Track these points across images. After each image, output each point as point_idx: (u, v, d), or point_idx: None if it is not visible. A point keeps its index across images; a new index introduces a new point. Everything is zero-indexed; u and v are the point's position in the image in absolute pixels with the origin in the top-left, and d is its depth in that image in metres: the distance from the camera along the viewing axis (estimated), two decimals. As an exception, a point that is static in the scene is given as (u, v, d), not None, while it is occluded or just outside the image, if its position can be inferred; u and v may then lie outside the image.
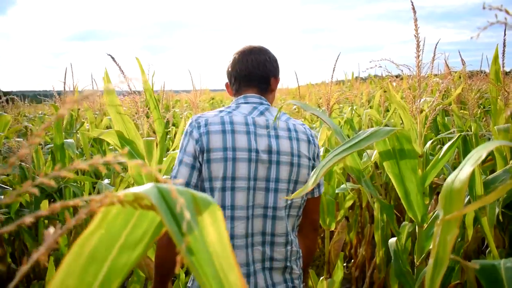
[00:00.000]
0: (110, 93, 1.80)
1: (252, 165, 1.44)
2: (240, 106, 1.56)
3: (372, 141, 0.98)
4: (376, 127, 1.00)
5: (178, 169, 1.44)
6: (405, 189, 1.25)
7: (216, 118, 1.49)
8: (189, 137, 1.45)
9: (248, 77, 1.62)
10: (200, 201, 0.48)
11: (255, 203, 1.46)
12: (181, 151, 1.45)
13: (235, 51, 1.69)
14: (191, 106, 3.93)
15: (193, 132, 1.46)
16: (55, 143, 2.52)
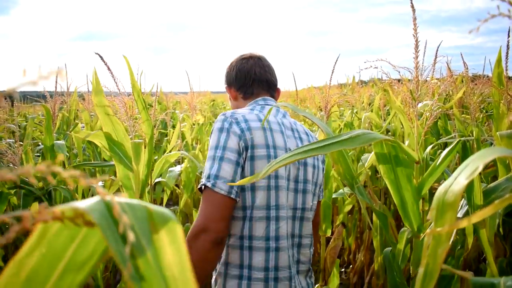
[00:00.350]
0: (98, 93, 1.74)
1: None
2: (264, 107, 1.55)
3: (349, 146, 0.90)
4: (361, 130, 0.92)
5: (219, 166, 1.34)
6: (401, 197, 1.19)
7: (252, 115, 1.45)
8: (229, 133, 1.38)
9: (266, 83, 1.65)
10: (157, 217, 0.41)
11: (287, 203, 1.44)
12: (218, 147, 1.37)
13: (243, 55, 1.69)
14: (189, 108, 3.87)
15: (233, 127, 1.40)
16: (45, 144, 2.46)
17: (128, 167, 1.79)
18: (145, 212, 0.41)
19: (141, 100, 1.68)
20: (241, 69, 1.65)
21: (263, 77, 1.65)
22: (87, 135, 1.76)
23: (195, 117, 3.76)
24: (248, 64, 1.66)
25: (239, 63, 1.67)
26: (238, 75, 1.65)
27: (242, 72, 1.65)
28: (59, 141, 2.56)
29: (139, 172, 1.63)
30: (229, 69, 1.69)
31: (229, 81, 1.68)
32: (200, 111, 4.34)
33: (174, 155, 2.50)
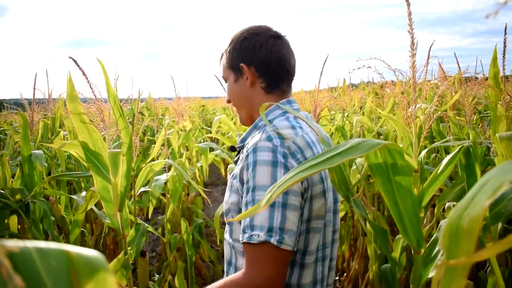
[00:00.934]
0: (73, 100, 1.63)
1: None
2: (295, 117, 1.28)
3: (350, 156, 0.80)
4: (360, 138, 0.82)
5: (284, 215, 1.07)
6: (398, 209, 1.08)
7: (301, 139, 1.19)
8: (288, 170, 1.09)
9: (293, 78, 1.38)
10: (80, 266, 0.31)
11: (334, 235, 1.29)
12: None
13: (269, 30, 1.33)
14: (176, 114, 3.76)
15: (290, 161, 1.12)
16: (23, 154, 2.34)
17: (106, 179, 1.67)
18: (63, 259, 0.30)
19: (118, 107, 1.57)
20: (274, 51, 1.30)
21: (295, 72, 1.37)
22: (62, 145, 1.64)
23: (182, 123, 3.65)
24: (282, 47, 1.32)
25: (271, 41, 1.30)
26: (268, 57, 1.29)
27: (275, 56, 1.30)
28: (37, 150, 2.43)
29: (117, 184, 1.51)
30: (250, 42, 1.30)
31: (250, 58, 1.30)
32: (189, 117, 4.22)
33: (159, 164, 2.39)
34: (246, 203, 1.12)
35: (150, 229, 2.34)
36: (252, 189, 1.11)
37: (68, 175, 2.54)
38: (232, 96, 1.38)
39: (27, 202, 2.23)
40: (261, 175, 1.10)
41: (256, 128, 1.32)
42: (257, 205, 0.75)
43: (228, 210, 1.27)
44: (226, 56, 1.36)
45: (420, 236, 1.13)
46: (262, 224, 1.06)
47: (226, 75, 1.38)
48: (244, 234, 1.09)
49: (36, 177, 2.38)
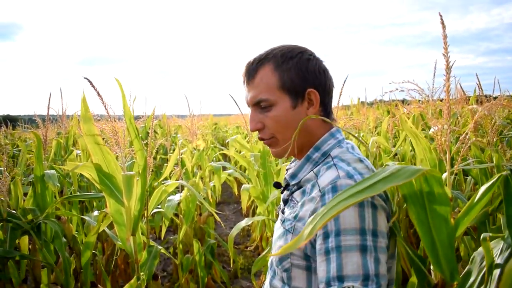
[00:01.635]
0: (87, 121, 1.59)
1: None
2: (354, 146, 1.17)
3: (393, 183, 0.75)
4: (399, 164, 0.77)
5: (377, 260, 0.95)
6: (432, 239, 1.02)
7: (372, 171, 1.08)
8: (376, 209, 0.99)
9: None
10: None
11: None
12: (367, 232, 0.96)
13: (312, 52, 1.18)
14: (189, 133, 3.72)
15: (376, 198, 1.00)
16: (35, 174, 2.30)
17: (119, 201, 1.62)
18: None
19: (134, 127, 1.52)
20: (329, 76, 1.18)
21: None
22: (75, 167, 1.60)
23: (196, 142, 3.61)
24: (324, 68, 1.19)
25: (325, 66, 1.18)
26: (328, 84, 1.17)
27: (331, 82, 1.19)
28: (51, 170, 2.40)
29: (130, 208, 1.46)
30: (315, 65, 1.15)
31: (317, 83, 1.14)
32: (202, 136, 4.18)
33: (172, 185, 2.34)
34: (327, 250, 0.97)
35: (163, 250, 2.28)
36: (335, 233, 0.96)
37: (81, 196, 2.50)
38: (283, 125, 1.15)
39: (38, 223, 2.18)
40: (347, 217, 0.96)
41: (309, 162, 1.16)
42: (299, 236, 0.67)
43: (286, 256, 1.11)
44: (280, 75, 1.13)
45: (454, 268, 1.06)
46: (355, 273, 0.93)
47: (274, 99, 1.14)
48: (331, 287, 0.94)
49: (49, 197, 2.34)
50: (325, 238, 0.98)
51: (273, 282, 1.18)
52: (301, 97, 1.13)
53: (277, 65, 1.13)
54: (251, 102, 1.17)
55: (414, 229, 4.01)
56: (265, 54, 1.16)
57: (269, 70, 1.14)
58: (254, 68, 1.16)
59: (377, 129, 4.59)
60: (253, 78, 1.16)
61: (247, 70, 1.17)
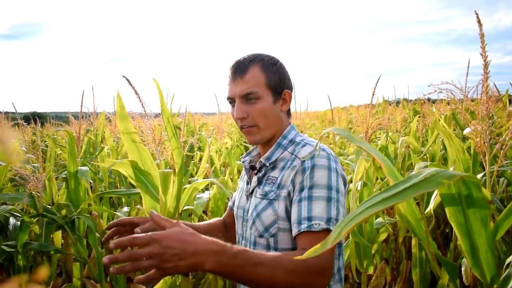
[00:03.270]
0: (123, 119, 1.62)
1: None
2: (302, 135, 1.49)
3: (424, 190, 0.74)
4: (433, 168, 0.76)
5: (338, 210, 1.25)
6: (471, 243, 1.01)
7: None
8: (338, 174, 1.30)
9: None
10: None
11: None
12: (332, 189, 1.26)
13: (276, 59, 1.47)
14: (217, 131, 3.75)
15: (339, 166, 1.33)
16: (69, 170, 2.36)
17: (155, 198, 1.65)
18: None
19: (171, 126, 1.55)
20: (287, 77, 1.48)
21: None
22: (112, 164, 1.63)
23: (223, 140, 3.63)
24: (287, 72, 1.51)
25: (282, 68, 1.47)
26: (290, 86, 1.48)
27: (293, 86, 1.50)
28: (83, 167, 2.45)
29: (166, 204, 1.49)
30: (286, 71, 1.46)
31: (290, 86, 1.47)
32: (227, 134, 4.21)
33: (203, 183, 2.36)
34: (301, 199, 1.25)
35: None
36: (309, 187, 1.25)
37: (113, 193, 2.54)
38: (263, 116, 1.40)
39: (73, 218, 2.23)
40: (319, 176, 1.26)
41: (279, 147, 1.43)
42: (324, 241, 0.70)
43: (273, 222, 1.33)
44: (268, 76, 1.39)
45: (494, 272, 1.05)
46: (321, 215, 1.21)
47: (261, 93, 1.38)
48: (301, 225, 1.21)
49: (82, 193, 2.40)
50: (300, 191, 1.26)
51: (258, 250, 1.32)
52: (279, 96, 1.42)
53: (265, 67, 1.39)
54: (240, 94, 1.38)
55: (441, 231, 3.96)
56: (253, 57, 1.41)
57: (258, 70, 1.38)
58: (246, 66, 1.39)
59: (405, 129, 4.54)
60: (244, 73, 1.38)
61: (238, 66, 1.40)
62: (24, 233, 2.13)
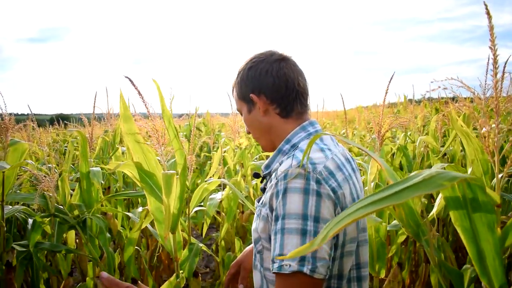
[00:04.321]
0: (127, 119, 1.61)
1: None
2: (322, 138, 1.24)
3: (422, 192, 0.69)
4: (433, 169, 0.71)
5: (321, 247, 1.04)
6: (478, 249, 0.95)
7: (331, 162, 1.14)
8: (320, 197, 1.06)
9: (307, 97, 1.33)
10: None
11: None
12: (308, 218, 1.04)
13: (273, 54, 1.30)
14: (232, 131, 3.73)
15: (324, 187, 1.07)
16: (81, 171, 2.37)
17: (159, 199, 1.64)
18: None
19: (173, 128, 1.53)
20: (279, 75, 1.27)
21: (307, 92, 1.33)
22: (117, 165, 1.62)
23: (238, 140, 3.61)
24: (287, 69, 1.29)
25: (275, 66, 1.28)
26: (276, 82, 1.26)
27: (282, 79, 1.27)
28: (95, 168, 2.46)
29: (169, 206, 1.47)
30: (256, 70, 1.29)
31: (259, 87, 1.28)
32: (244, 134, 4.18)
33: (213, 183, 2.34)
34: (276, 231, 1.07)
35: (203, 247, 2.29)
36: (282, 217, 1.07)
37: (123, 194, 2.55)
38: (250, 127, 1.36)
39: (84, 218, 2.24)
40: (292, 203, 1.06)
41: (280, 153, 1.29)
42: (312, 241, 0.67)
43: (257, 239, 1.24)
44: (236, 89, 1.36)
45: (502, 280, 0.99)
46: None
47: (240, 107, 1.36)
48: (274, 264, 1.06)
49: (94, 193, 2.40)
50: (275, 221, 1.09)
51: (255, 263, 1.30)
52: (252, 103, 1.30)
53: (236, 80, 1.35)
54: None
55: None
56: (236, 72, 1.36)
57: (234, 86, 1.36)
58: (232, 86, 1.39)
59: (426, 128, 4.44)
60: (232, 93, 1.40)
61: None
62: (36, 232, 2.15)
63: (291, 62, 1.31)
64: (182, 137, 5.59)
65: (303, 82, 1.31)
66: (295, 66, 1.32)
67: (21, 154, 2.10)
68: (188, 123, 5.46)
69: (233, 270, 1.51)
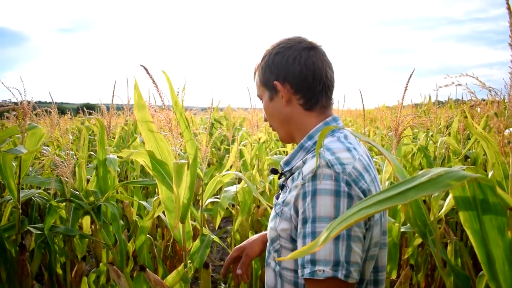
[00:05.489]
0: (140, 108, 1.62)
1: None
2: (347, 135, 1.18)
3: (430, 191, 0.67)
4: (441, 169, 0.68)
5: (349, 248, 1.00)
6: (487, 252, 0.92)
7: (359, 162, 1.09)
8: (351, 199, 1.02)
9: (333, 90, 1.26)
10: None
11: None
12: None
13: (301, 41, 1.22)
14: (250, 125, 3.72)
15: (354, 188, 1.03)
16: (98, 158, 2.40)
17: (170, 189, 1.64)
18: None
19: (184, 119, 1.53)
20: (308, 64, 1.19)
21: (334, 85, 1.25)
22: (130, 154, 1.63)
23: (257, 134, 3.60)
24: (316, 59, 1.20)
25: (304, 54, 1.20)
26: (303, 71, 1.19)
27: (309, 69, 1.19)
28: (112, 155, 2.49)
29: (180, 195, 1.47)
30: (283, 56, 1.21)
31: (284, 75, 1.20)
32: (264, 128, 4.17)
33: (227, 176, 2.34)
34: (305, 235, 1.02)
35: (216, 239, 2.29)
36: (312, 220, 1.02)
37: (137, 182, 2.57)
38: (269, 115, 1.29)
39: (99, 205, 2.27)
40: (322, 206, 1.01)
41: (302, 150, 1.22)
42: (314, 241, 0.64)
43: (275, 238, 1.19)
44: (259, 73, 1.28)
45: (512, 286, 0.96)
46: (327, 259, 0.98)
47: (260, 93, 1.29)
48: (305, 269, 1.01)
49: (110, 180, 2.43)
50: (303, 224, 1.04)
51: (269, 261, 1.26)
52: (274, 90, 1.23)
53: (260, 65, 1.27)
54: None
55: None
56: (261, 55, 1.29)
57: (257, 70, 1.30)
58: (254, 69, 1.33)
59: (449, 129, 4.35)
60: (254, 77, 1.33)
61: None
62: (52, 216, 2.18)
63: (320, 52, 1.24)
64: (203, 130, 5.61)
65: (331, 74, 1.24)
66: (324, 56, 1.24)
67: (39, 138, 2.13)
68: (208, 116, 5.47)
69: (235, 254, 1.46)
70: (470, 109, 4.18)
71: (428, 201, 2.67)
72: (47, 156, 2.28)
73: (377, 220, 1.10)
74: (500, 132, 0.97)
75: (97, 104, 4.22)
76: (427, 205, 2.82)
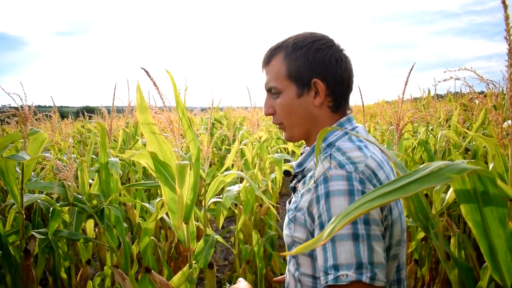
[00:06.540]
0: (143, 110, 1.62)
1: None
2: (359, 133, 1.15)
3: (430, 184, 0.68)
4: (442, 162, 0.69)
5: (370, 248, 0.96)
6: (489, 244, 0.93)
7: (371, 160, 1.06)
8: None
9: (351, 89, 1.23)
10: None
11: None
12: (360, 221, 0.96)
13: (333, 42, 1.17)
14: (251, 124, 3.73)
15: (368, 187, 1.00)
16: (100, 161, 2.41)
17: (173, 190, 1.65)
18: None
19: (186, 119, 1.54)
20: (346, 68, 1.17)
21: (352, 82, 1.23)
22: (132, 155, 1.64)
23: (258, 133, 3.61)
24: (350, 65, 1.19)
25: (343, 56, 1.17)
26: (343, 75, 1.16)
27: (346, 74, 1.17)
28: (114, 158, 2.50)
29: (183, 196, 1.48)
30: (326, 54, 1.14)
31: (325, 74, 1.14)
32: (265, 127, 4.19)
33: (229, 176, 2.35)
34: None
35: (220, 239, 2.30)
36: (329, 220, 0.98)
37: (140, 184, 2.58)
38: (288, 112, 1.19)
39: (102, 208, 2.28)
40: (337, 207, 0.98)
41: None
42: (318, 236, 0.65)
43: (291, 244, 1.16)
44: (286, 64, 1.17)
45: (515, 277, 0.97)
46: (349, 262, 0.94)
47: (283, 86, 1.18)
48: (328, 275, 0.97)
49: (112, 183, 2.44)
50: (320, 228, 1.01)
51: (289, 266, 1.24)
52: (307, 87, 1.15)
53: (287, 54, 1.16)
54: (265, 88, 1.24)
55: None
56: (280, 43, 1.20)
57: (280, 59, 1.18)
58: (269, 55, 1.21)
59: (448, 123, 4.36)
60: (267, 65, 1.21)
61: (264, 57, 1.23)
62: (55, 221, 2.19)
63: (349, 57, 1.21)
64: (203, 130, 5.63)
65: (352, 73, 1.22)
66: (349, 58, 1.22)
67: (40, 143, 2.14)
68: (209, 116, 5.49)
69: None
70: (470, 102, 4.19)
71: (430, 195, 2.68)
72: (49, 161, 2.29)
73: (397, 218, 1.07)
74: (499, 124, 0.97)
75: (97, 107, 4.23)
76: (429, 199, 2.83)
